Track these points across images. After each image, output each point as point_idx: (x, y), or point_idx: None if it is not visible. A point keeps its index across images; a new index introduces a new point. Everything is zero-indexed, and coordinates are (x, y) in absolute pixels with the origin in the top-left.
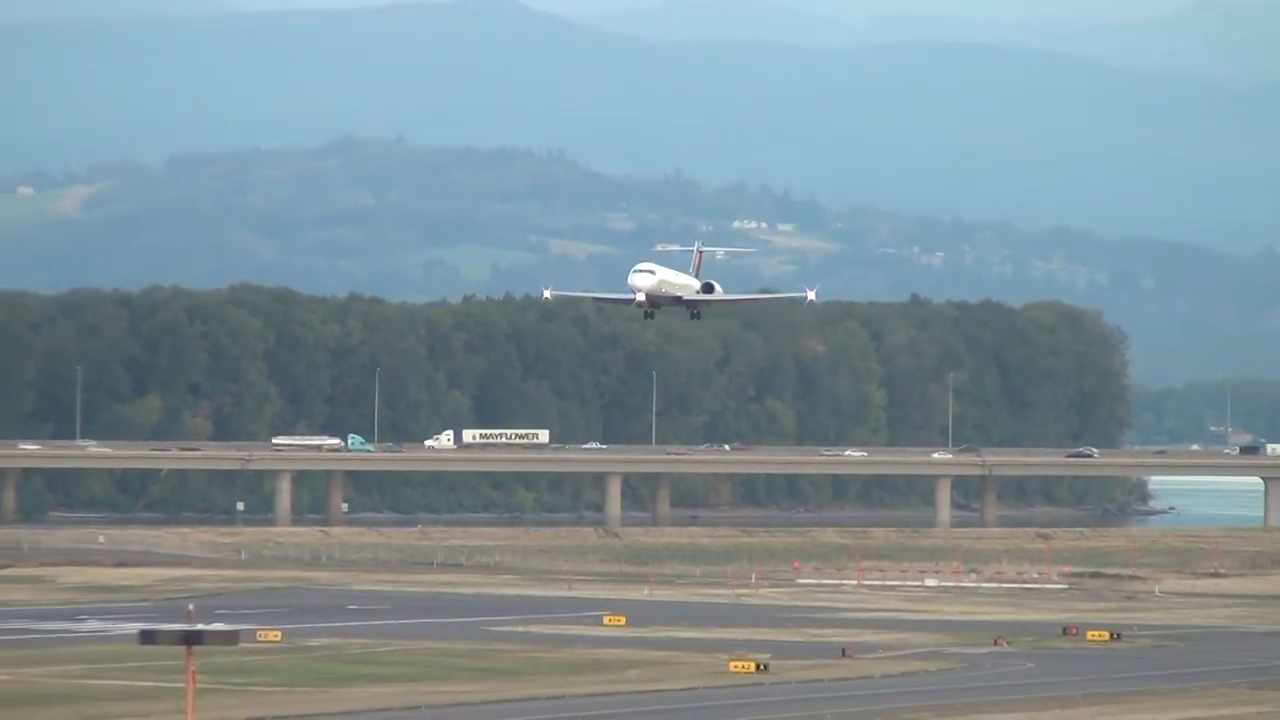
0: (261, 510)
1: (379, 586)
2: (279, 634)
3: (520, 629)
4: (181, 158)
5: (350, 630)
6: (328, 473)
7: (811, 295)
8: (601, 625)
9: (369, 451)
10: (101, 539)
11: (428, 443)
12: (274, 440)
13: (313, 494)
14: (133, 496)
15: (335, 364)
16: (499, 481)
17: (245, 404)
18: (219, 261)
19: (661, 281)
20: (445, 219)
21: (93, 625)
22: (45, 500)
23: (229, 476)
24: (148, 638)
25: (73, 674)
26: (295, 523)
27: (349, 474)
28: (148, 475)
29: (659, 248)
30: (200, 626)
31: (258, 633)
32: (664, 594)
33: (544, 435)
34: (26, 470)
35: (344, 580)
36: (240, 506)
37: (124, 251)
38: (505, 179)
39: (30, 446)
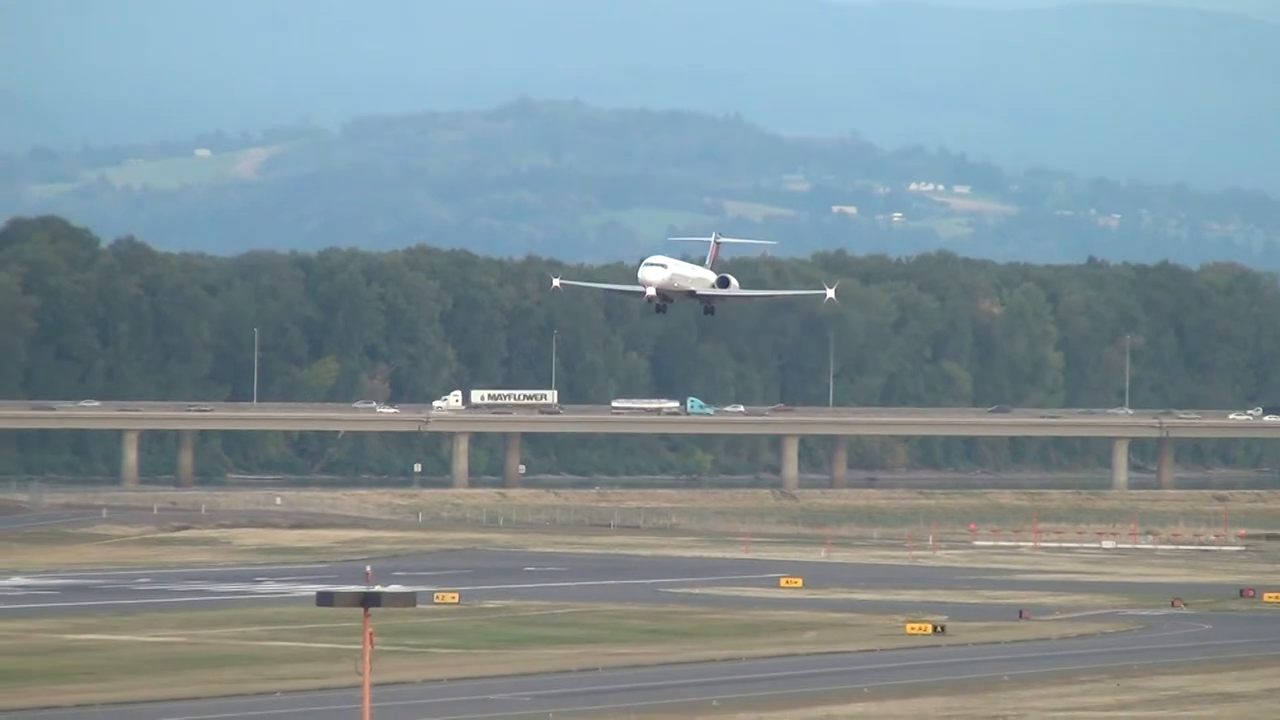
0: (439, 472)
1: (556, 548)
2: (456, 596)
3: (697, 591)
4: (359, 120)
5: (527, 592)
6: (505, 435)
7: (831, 293)
8: (778, 587)
9: (709, 414)
10: (279, 501)
11: (436, 404)
12: (612, 404)
13: (490, 456)
14: (310, 459)
15: (512, 326)
16: (676, 444)
17: (422, 366)
18: (396, 224)
19: (674, 275)
20: (622, 181)
21: (270, 587)
22: (223, 462)
23: (406, 438)
24: (325, 600)
25: (250, 636)
26: (472, 485)
27: (526, 436)
28: (325, 437)
29: (672, 238)
30: (378, 588)
31: (435, 595)
32: (841, 556)
33: (552, 396)
34: (204, 432)
35: (521, 542)
36: (418, 469)
37: (301, 214)
38: (681, 141)
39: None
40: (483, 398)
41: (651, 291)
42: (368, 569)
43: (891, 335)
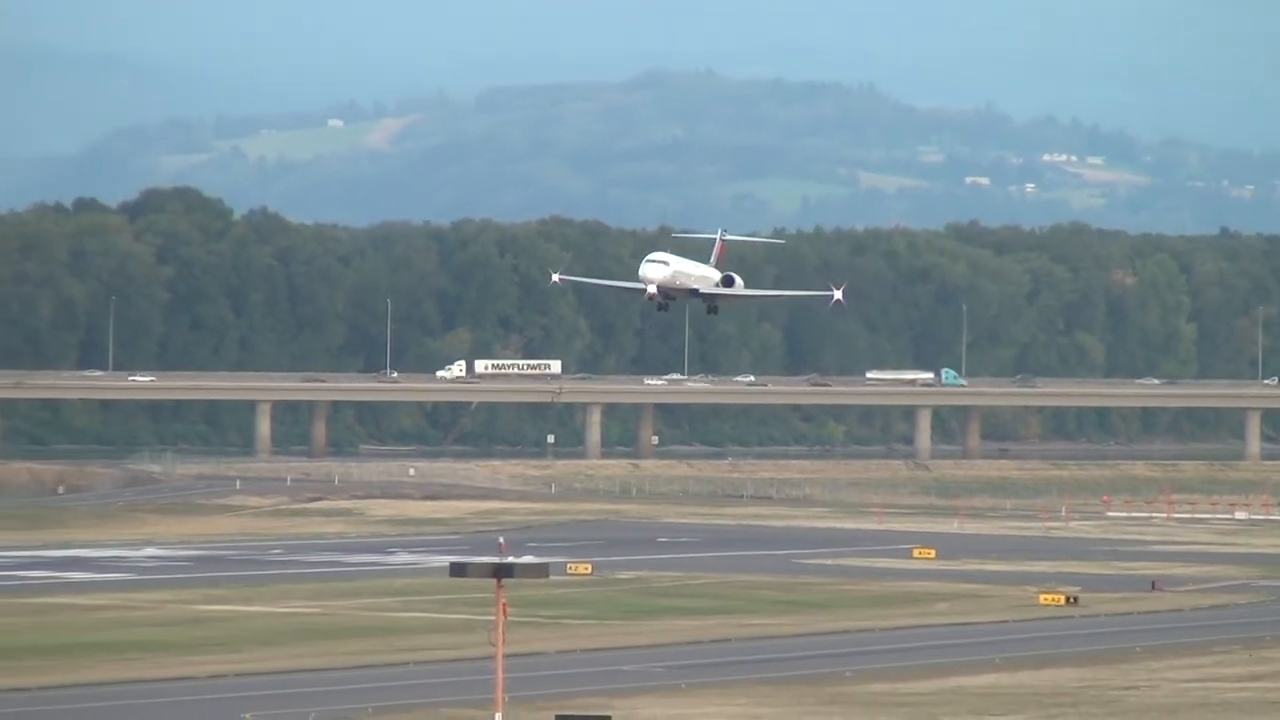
0: (572, 443)
1: (688, 519)
2: (589, 567)
3: (829, 562)
4: (492, 91)
5: (660, 563)
6: (637, 405)
7: (838, 294)
8: (911, 558)
9: (962, 386)
10: (412, 472)
11: (439, 373)
12: (867, 375)
13: (623, 427)
14: (442, 430)
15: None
16: (809, 414)
17: (554, 337)
18: (528, 194)
19: (675, 273)
20: (755, 152)
21: (403, 558)
22: (356, 433)
23: (539, 409)
24: (458, 570)
25: (383, 606)
26: (605, 455)
27: (659, 406)
28: (458, 409)
29: (676, 234)
30: (511, 559)
31: (568, 565)
32: (973, 527)
33: (556, 366)
34: (336, 404)
35: (654, 513)
36: (551, 439)
37: (433, 184)
38: (815, 112)
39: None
40: (486, 367)
41: (652, 289)
42: (500, 540)
43: (1024, 306)
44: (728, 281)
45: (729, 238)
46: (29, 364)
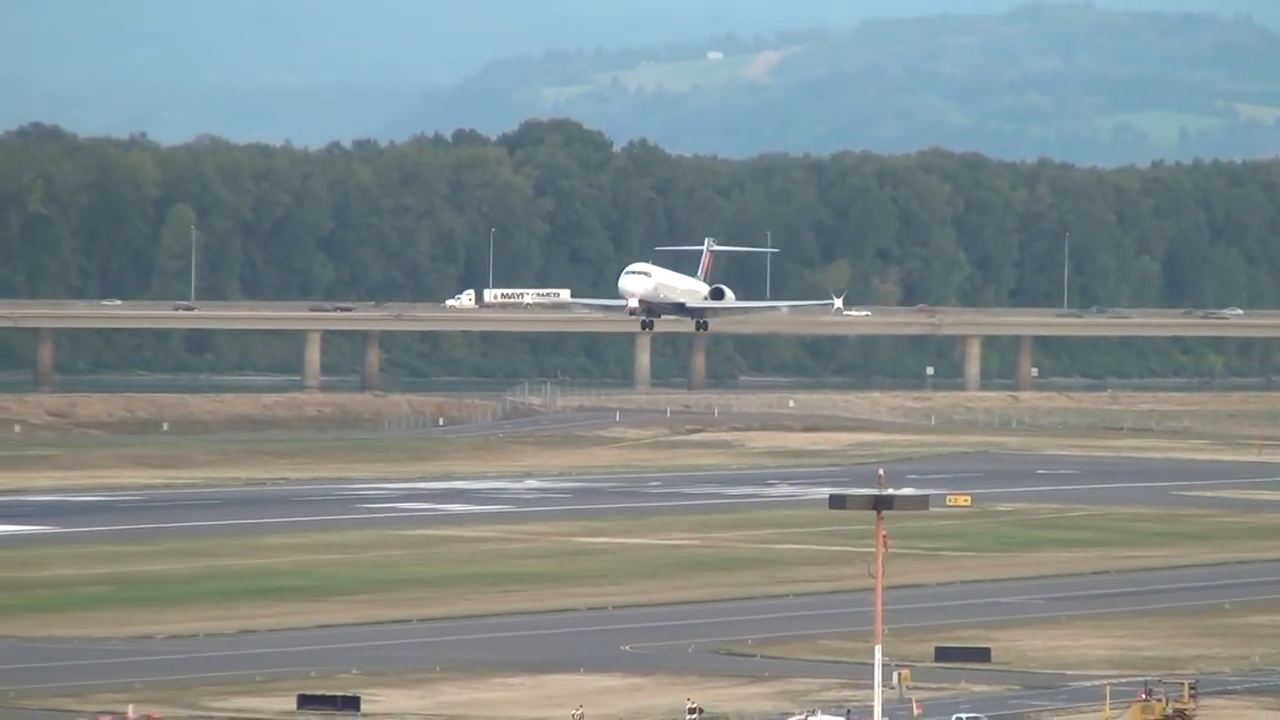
0: (951, 375)
1: (1068, 451)
2: (968, 499)
3: (1209, 494)
4: (871, 22)
5: (1039, 495)
6: (1017, 337)
7: (839, 303)
8: None
9: None
10: (791, 404)
11: (449, 302)
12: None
13: (1002, 359)
14: (822, 361)
15: (1024, 229)
16: (1188, 346)
17: (934, 269)
18: (907, 126)
19: (659, 286)
20: (1133, 83)
21: (782, 490)
22: (735, 365)
23: (918, 341)
24: (837, 502)
25: (762, 539)
26: (984, 387)
27: (1038, 339)
28: (837, 340)
29: (659, 247)
30: (890, 491)
31: (947, 497)
32: None
33: (565, 294)
34: (715, 335)
35: (1033, 445)
36: (930, 371)
37: (812, 116)
38: (1193, 44)
39: None
40: (496, 296)
41: (634, 303)
42: (880, 471)
43: None
44: (716, 294)
45: (716, 249)
46: (408, 296)
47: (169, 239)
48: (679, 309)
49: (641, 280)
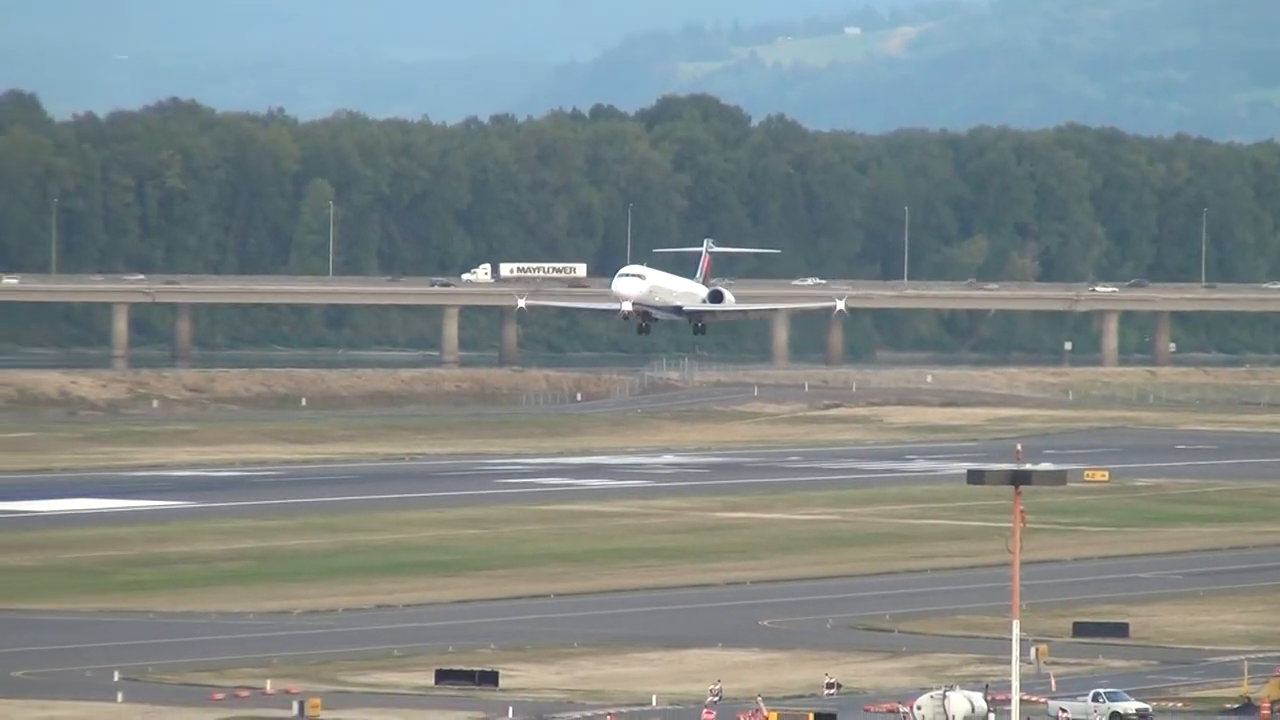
0: (1088, 350)
1: (1205, 426)
2: (1106, 474)
3: None
4: None
5: (1176, 470)
6: (1154, 313)
7: (840, 305)
8: None
9: None
10: (929, 379)
11: (465, 276)
12: None
13: (1139, 334)
14: (960, 336)
15: (1161, 204)
16: None
17: (1071, 244)
18: (1044, 101)
19: (653, 289)
20: (1271, 59)
21: (920, 465)
22: (873, 340)
23: (1056, 317)
24: (976, 478)
25: (900, 513)
26: (1122, 363)
27: (1175, 314)
28: (975, 315)
29: (657, 249)
30: (1028, 466)
31: (1085, 472)
32: None
33: (581, 269)
34: (854, 310)
35: (1170, 420)
36: (1068, 346)
37: (949, 91)
38: None
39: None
40: (512, 270)
41: (627, 307)
42: (1018, 447)
43: None
44: (715, 297)
45: (715, 250)
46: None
47: (307, 214)
48: (676, 312)
49: (635, 283)
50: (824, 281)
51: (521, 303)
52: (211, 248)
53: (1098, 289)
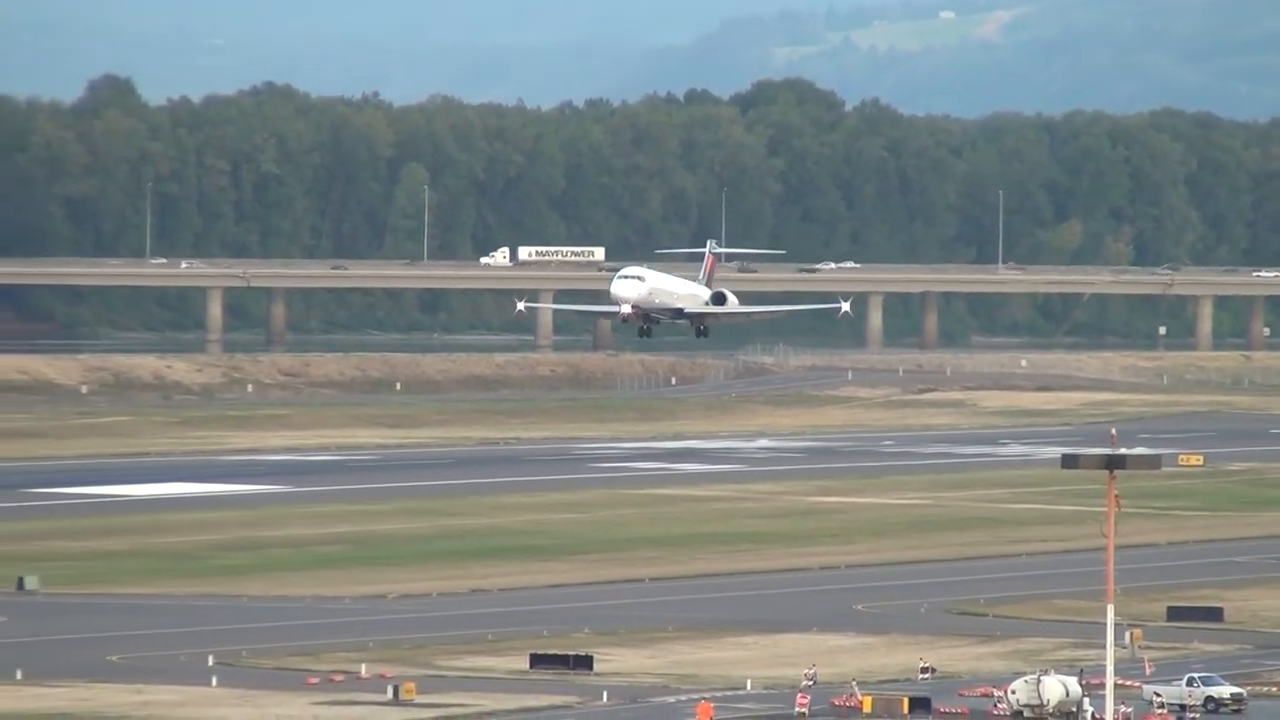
0: (1183, 335)
1: None
2: (1200, 458)
3: None
4: None
5: (1271, 454)
6: (1249, 298)
7: (846, 307)
8: None
9: None
10: (1024, 363)
11: (483, 260)
12: None
13: (1234, 318)
14: (1054, 321)
15: (1257, 189)
16: None
17: (1165, 229)
18: (1139, 85)
19: (653, 290)
20: None
21: (1014, 449)
22: (967, 324)
23: (1150, 301)
24: (1070, 462)
25: (994, 498)
26: (1216, 347)
27: (1269, 299)
28: (1069, 300)
29: (659, 250)
30: (1123, 450)
31: (1179, 457)
32: None
33: (599, 253)
34: (947, 295)
35: (1265, 405)
36: (1162, 331)
37: (1044, 75)
38: None
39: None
40: (530, 254)
41: (627, 309)
42: (1112, 431)
43: None
44: (718, 299)
45: (718, 250)
46: (641, 256)
47: (401, 198)
48: (678, 314)
49: (634, 285)
50: (854, 265)
51: (520, 305)
52: (306, 232)
53: (1176, 272)
